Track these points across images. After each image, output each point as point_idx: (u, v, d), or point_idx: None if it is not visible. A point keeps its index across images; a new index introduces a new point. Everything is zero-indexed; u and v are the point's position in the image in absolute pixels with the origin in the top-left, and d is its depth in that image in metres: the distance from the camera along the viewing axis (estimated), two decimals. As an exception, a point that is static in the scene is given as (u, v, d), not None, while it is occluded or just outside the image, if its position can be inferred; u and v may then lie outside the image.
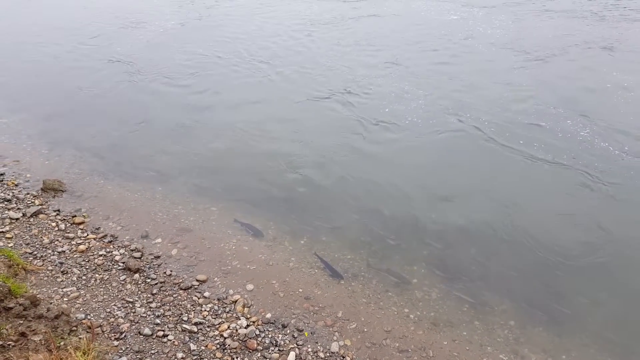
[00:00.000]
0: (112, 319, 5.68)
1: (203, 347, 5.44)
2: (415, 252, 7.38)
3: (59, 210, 7.88)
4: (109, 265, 6.68)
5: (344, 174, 9.26)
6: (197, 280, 6.60)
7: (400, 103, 11.90)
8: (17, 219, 7.48)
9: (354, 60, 14.80)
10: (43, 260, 6.61)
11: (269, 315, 6.07)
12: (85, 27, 19.29)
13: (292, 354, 5.48)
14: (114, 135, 10.86)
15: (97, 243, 7.16)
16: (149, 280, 6.46)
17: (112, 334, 5.43)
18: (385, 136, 10.56)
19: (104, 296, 6.08)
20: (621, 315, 6.32)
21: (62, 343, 4.72)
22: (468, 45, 15.54)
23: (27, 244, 6.93)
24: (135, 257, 6.88)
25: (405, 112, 11.46)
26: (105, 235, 7.37)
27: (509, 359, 5.71)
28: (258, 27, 18.52)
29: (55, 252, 6.81)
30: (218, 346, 5.48)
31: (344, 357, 5.53)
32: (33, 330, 4.72)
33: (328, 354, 5.56)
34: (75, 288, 6.16)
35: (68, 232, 7.32)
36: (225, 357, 5.34)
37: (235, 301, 6.26)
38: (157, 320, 5.77)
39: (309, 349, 5.60)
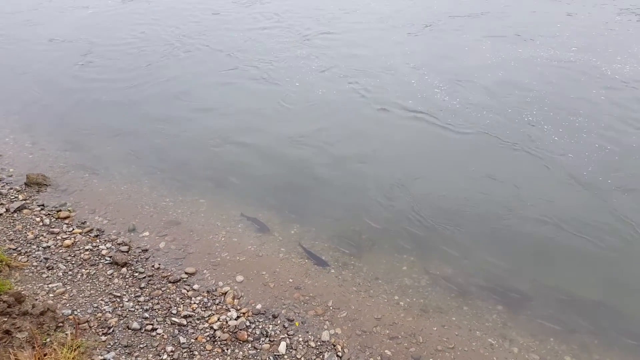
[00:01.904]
0: (100, 314, 5.61)
1: (193, 340, 5.41)
2: (404, 239, 7.39)
3: (43, 205, 7.76)
4: (96, 260, 6.59)
5: (325, 160, 9.32)
6: (186, 273, 6.54)
7: (314, 75, 13.01)
8: (0, 215, 7.34)
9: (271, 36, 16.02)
10: (28, 256, 6.50)
11: (259, 306, 6.04)
12: (33, 9, 19.42)
13: (282, 344, 5.47)
14: (95, 127, 10.66)
15: (83, 237, 7.06)
16: (136, 274, 6.39)
17: (100, 329, 5.37)
18: (318, 114, 11.02)
19: (91, 291, 6.01)
20: (605, 296, 6.43)
21: (48, 340, 4.66)
22: (364, 22, 17.34)
23: (11, 239, 6.81)
24: (122, 251, 6.80)
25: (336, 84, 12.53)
26: (92, 230, 7.26)
27: (498, 343, 5.77)
28: (185, 7, 19.35)
29: (40, 248, 6.70)
30: (208, 338, 5.45)
31: (334, 346, 5.53)
32: (18, 327, 4.65)
33: (319, 343, 5.56)
34: (61, 284, 6.08)
35: (53, 227, 7.22)
36: (215, 349, 5.32)
37: (225, 293, 6.22)
38: (146, 314, 5.72)
39: (300, 339, 5.60)
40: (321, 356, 5.37)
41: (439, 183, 8.62)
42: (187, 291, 6.23)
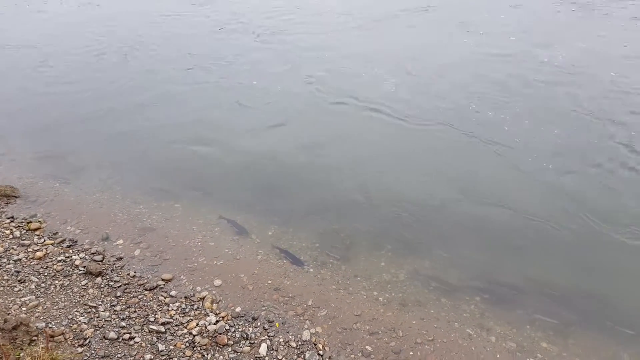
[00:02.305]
0: (75, 326, 5.50)
1: (172, 347, 5.35)
2: (381, 236, 7.45)
3: (12, 217, 7.56)
4: (69, 271, 6.45)
5: (296, 159, 9.35)
6: (163, 280, 6.46)
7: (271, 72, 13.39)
8: (-33, 230, 7.14)
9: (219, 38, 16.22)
10: (-2, 271, 6.33)
11: (238, 309, 6.01)
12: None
13: (263, 346, 5.45)
14: (62, 137, 10.43)
15: (55, 249, 6.90)
16: (112, 283, 6.28)
17: (76, 341, 5.26)
18: (281, 113, 11.17)
19: (65, 303, 5.88)
20: (576, 282, 6.60)
21: (21, 354, 4.54)
22: (318, 19, 17.83)
23: (-20, 254, 6.63)
24: (96, 261, 6.68)
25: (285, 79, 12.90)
26: (64, 240, 7.11)
27: (476, 333, 5.86)
28: (141, 10, 19.61)
29: (11, 261, 6.52)
30: (187, 344, 5.40)
31: (315, 345, 5.54)
32: (-11, 343, 4.52)
33: (300, 343, 5.56)
34: (34, 296, 5.93)
35: (24, 239, 7.04)
36: (195, 355, 5.27)
37: (203, 298, 6.17)
38: (123, 323, 5.63)
39: (281, 339, 5.59)
40: (302, 356, 5.37)
41: (408, 178, 8.74)
42: (165, 298, 6.16)
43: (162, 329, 5.59)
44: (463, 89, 11.88)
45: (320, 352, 5.44)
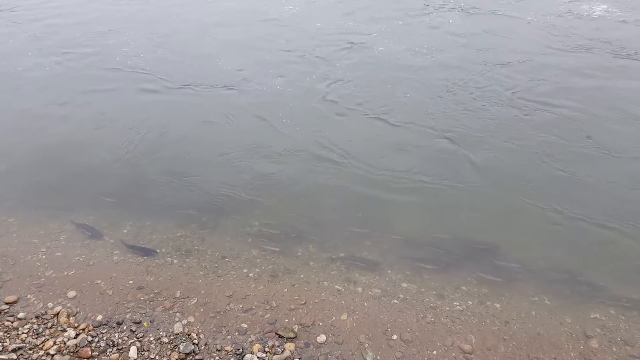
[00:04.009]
0: None
1: (26, 374, 4.82)
2: (243, 213, 7.45)
3: None
4: None
5: (149, 145, 8.89)
6: (6, 304, 5.74)
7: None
8: None
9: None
10: None
11: (99, 318, 5.59)
12: None
13: (133, 349, 5.16)
14: None
15: None
16: (-61, 322, 5.42)
17: None
18: (57, 92, 10.73)
19: None
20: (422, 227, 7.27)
21: None
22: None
23: None
24: None
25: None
26: None
27: (344, 287, 6.19)
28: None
29: None
30: (45, 367, 4.91)
31: (189, 335, 5.40)
32: None
33: (172, 337, 5.37)
34: None
35: None
36: (55, 376, 4.82)
37: (57, 313, 5.62)
38: (-38, 363, 4.92)
39: (151, 338, 5.34)
40: (176, 349, 5.21)
41: (239, 151, 8.71)
42: (12, 322, 5.49)
43: (14, 356, 5.00)
44: (203, 50, 12.52)
45: (195, 341, 5.32)
